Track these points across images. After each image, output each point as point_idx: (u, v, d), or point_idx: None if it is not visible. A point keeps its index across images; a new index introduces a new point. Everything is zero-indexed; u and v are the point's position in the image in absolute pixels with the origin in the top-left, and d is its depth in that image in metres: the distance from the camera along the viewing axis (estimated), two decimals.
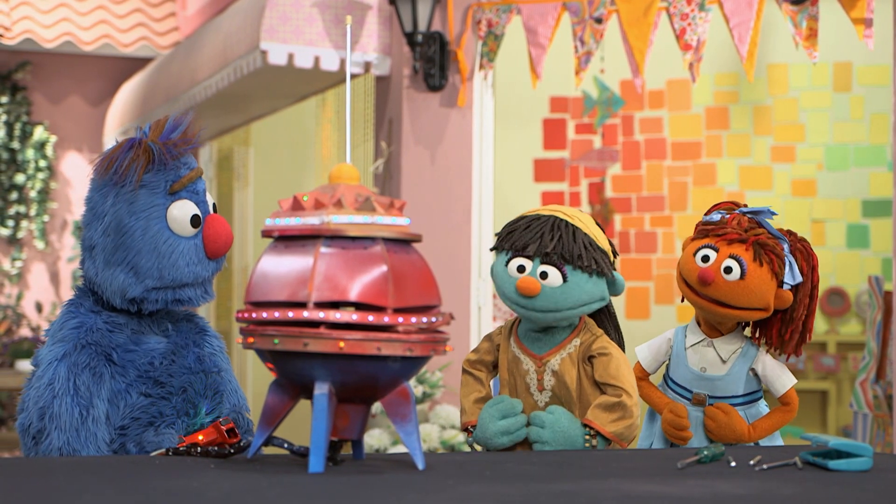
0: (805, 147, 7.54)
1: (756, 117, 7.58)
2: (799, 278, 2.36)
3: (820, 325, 7.45)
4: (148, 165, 2.18)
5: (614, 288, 2.36)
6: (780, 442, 2.48)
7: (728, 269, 2.33)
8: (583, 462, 1.96)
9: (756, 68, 4.93)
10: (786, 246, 2.38)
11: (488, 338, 2.47)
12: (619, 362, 2.34)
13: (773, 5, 4.91)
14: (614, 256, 2.40)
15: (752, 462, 1.88)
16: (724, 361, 2.42)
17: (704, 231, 2.41)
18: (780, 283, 2.36)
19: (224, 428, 1.99)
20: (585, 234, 2.33)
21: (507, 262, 2.34)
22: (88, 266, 2.24)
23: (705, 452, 1.91)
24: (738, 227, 2.38)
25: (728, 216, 2.42)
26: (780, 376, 2.41)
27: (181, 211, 2.20)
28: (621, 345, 2.45)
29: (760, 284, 2.32)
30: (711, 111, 7.59)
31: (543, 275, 2.30)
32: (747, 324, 2.48)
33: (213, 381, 2.28)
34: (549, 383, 2.37)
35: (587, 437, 2.30)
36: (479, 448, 2.38)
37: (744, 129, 7.59)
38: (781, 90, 7.55)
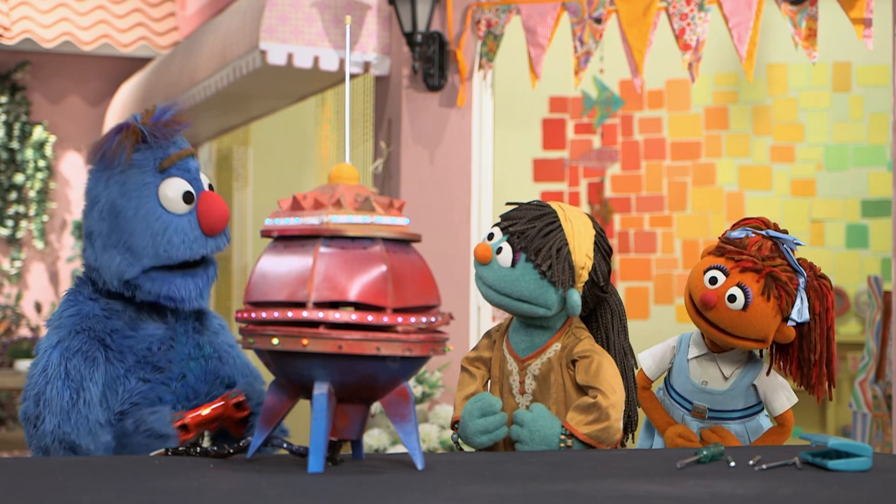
0: (804, 147, 7.54)
1: (755, 117, 7.58)
2: (806, 317, 2.30)
3: None
4: (136, 144, 2.19)
5: (568, 305, 2.27)
6: None
7: (732, 298, 2.28)
8: (583, 462, 1.96)
9: (755, 68, 4.93)
10: (802, 281, 2.31)
11: (488, 334, 2.46)
12: (601, 363, 2.27)
13: (773, 5, 4.91)
14: (597, 284, 2.31)
15: (751, 462, 1.88)
16: (725, 378, 2.40)
17: (722, 249, 2.34)
18: (786, 319, 2.31)
19: (232, 401, 1.96)
20: (564, 240, 2.27)
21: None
22: (89, 254, 2.25)
23: (705, 452, 1.91)
24: (756, 252, 2.30)
25: (752, 236, 2.33)
26: (778, 396, 2.39)
27: (172, 188, 2.20)
28: (626, 349, 2.39)
29: (762, 318, 2.28)
30: (711, 111, 7.59)
31: (500, 250, 2.28)
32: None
33: (213, 367, 2.28)
34: (531, 387, 2.34)
35: (562, 436, 2.25)
36: (464, 447, 2.35)
37: (743, 129, 7.59)
38: (781, 90, 7.55)
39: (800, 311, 2.30)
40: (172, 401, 2.22)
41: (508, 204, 2.37)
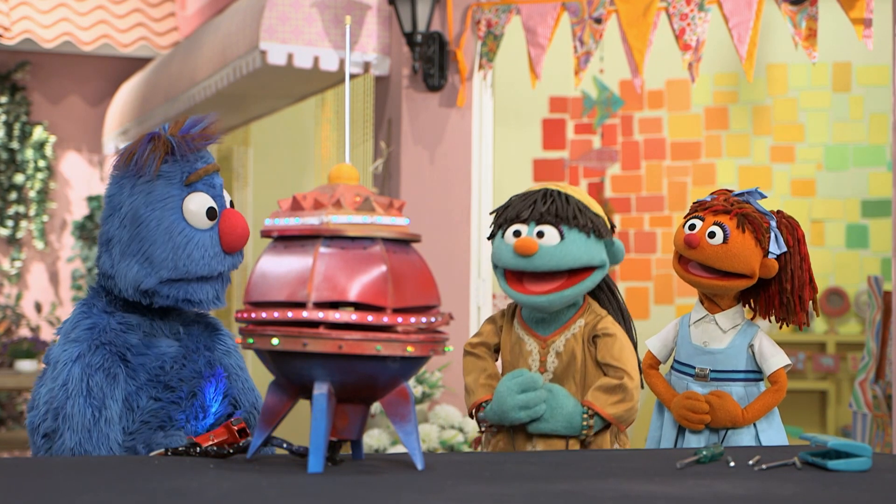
0: (804, 147, 7.54)
1: (755, 117, 7.58)
2: (784, 248, 2.47)
3: (819, 325, 7.45)
4: (165, 156, 2.20)
5: (613, 252, 2.38)
6: (783, 433, 2.51)
7: (712, 234, 2.43)
8: (583, 462, 1.96)
9: (755, 68, 4.93)
10: (772, 222, 2.49)
11: (491, 320, 2.48)
12: (623, 344, 2.36)
13: (773, 5, 4.91)
14: (612, 227, 2.43)
15: (751, 462, 1.88)
16: (724, 332, 2.49)
17: (694, 208, 2.51)
18: (766, 253, 2.46)
19: (235, 428, 1.98)
20: (578, 199, 2.37)
21: (504, 234, 2.36)
22: (104, 260, 2.24)
23: (704, 452, 1.91)
24: (724, 202, 2.48)
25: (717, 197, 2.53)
26: (773, 355, 2.47)
27: (197, 203, 2.21)
28: (628, 326, 2.48)
29: (743, 250, 2.42)
30: (711, 111, 7.59)
31: (540, 234, 2.33)
32: (746, 302, 2.56)
33: (223, 386, 2.28)
34: (553, 365, 2.38)
35: (585, 416, 2.30)
36: (488, 427, 2.37)
37: (743, 129, 7.59)
38: (781, 90, 7.55)
39: (777, 244, 2.47)
40: (182, 420, 2.22)
41: (493, 212, 2.44)
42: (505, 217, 2.39)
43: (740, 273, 2.44)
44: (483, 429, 2.42)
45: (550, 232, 2.32)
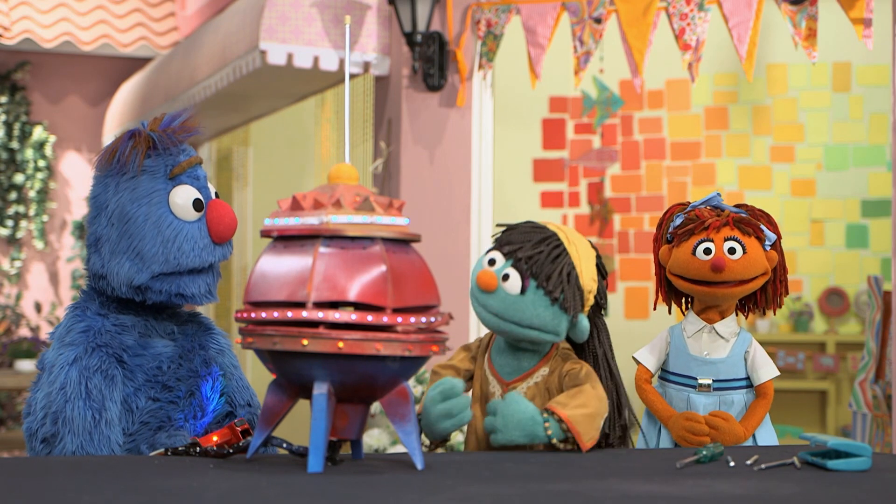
0: (804, 147, 7.55)
1: (755, 117, 7.58)
2: (773, 237, 2.51)
3: (819, 324, 7.45)
4: (148, 151, 2.20)
5: (575, 331, 2.20)
6: (774, 435, 2.52)
7: (732, 250, 2.45)
8: (583, 462, 1.96)
9: (755, 68, 4.93)
10: (746, 215, 2.53)
11: (466, 348, 2.36)
12: (591, 370, 2.21)
13: (773, 5, 4.91)
14: (599, 306, 2.27)
15: (749, 462, 1.88)
16: (726, 340, 2.50)
17: (688, 231, 2.50)
18: (764, 247, 2.51)
19: (239, 429, 1.98)
20: (571, 264, 2.18)
21: (487, 252, 2.26)
22: (94, 261, 2.24)
23: (704, 452, 1.91)
24: (710, 215, 2.50)
25: (688, 213, 2.54)
26: (764, 366, 2.50)
27: (183, 195, 2.21)
28: (618, 391, 2.30)
29: (758, 252, 2.48)
30: (711, 111, 7.59)
31: (506, 277, 2.17)
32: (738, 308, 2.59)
33: (220, 384, 2.28)
34: None
35: (544, 414, 2.11)
36: (425, 441, 2.23)
37: (743, 129, 7.59)
38: (781, 90, 7.55)
39: (767, 235, 2.51)
40: (181, 419, 2.22)
41: (500, 225, 2.28)
42: (498, 239, 2.28)
43: (760, 274, 2.48)
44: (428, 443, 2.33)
45: (515, 280, 2.15)
